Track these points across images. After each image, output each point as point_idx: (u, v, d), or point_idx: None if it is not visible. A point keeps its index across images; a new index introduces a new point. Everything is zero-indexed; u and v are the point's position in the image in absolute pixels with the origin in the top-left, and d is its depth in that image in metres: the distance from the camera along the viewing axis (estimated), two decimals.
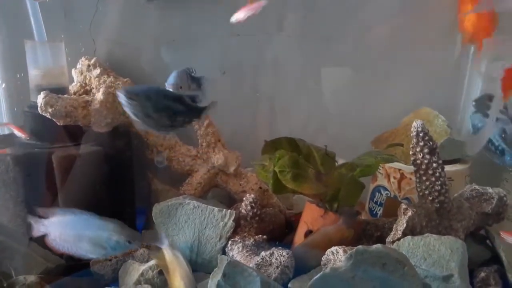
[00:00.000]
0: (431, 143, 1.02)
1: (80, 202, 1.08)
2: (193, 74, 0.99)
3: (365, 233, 1.14)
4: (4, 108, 1.34)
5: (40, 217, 0.83)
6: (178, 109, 0.91)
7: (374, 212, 1.31)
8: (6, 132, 1.32)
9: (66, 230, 0.82)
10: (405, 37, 1.39)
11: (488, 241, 1.12)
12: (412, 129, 1.03)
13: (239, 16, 1.01)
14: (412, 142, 1.03)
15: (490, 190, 1.10)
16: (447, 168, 1.20)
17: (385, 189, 1.28)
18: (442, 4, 1.38)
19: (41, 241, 1.04)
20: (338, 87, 1.46)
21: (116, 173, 1.15)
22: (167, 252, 0.95)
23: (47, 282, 0.94)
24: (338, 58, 1.44)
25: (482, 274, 1.02)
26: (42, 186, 1.08)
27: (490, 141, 1.22)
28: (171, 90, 0.91)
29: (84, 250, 0.82)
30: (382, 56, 1.42)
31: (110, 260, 1.04)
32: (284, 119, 1.48)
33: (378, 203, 1.30)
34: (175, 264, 0.92)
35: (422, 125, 1.02)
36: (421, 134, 1.02)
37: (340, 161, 1.13)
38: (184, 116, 0.93)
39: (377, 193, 1.30)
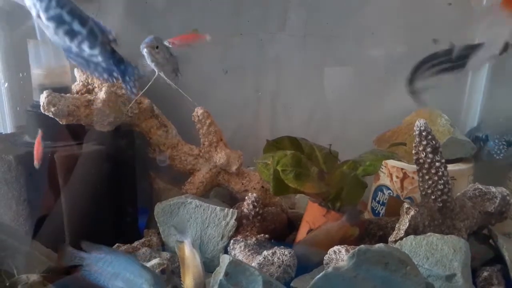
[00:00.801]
0: (434, 142, 1.02)
1: (82, 201, 1.08)
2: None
3: (368, 232, 1.14)
4: (6, 107, 1.34)
5: (80, 249, 0.85)
6: None
7: (377, 212, 1.31)
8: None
9: (104, 266, 0.84)
10: (407, 35, 1.39)
11: (491, 241, 1.11)
12: (415, 128, 1.02)
13: (175, 41, 1.07)
14: (415, 141, 1.03)
15: (493, 189, 1.10)
16: (450, 167, 1.20)
17: (388, 188, 1.28)
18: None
19: (43, 239, 1.05)
20: (341, 86, 1.46)
21: (118, 172, 1.14)
22: (186, 248, 0.97)
23: (50, 281, 0.94)
24: (340, 57, 1.44)
25: (485, 274, 1.02)
26: (44, 185, 1.08)
27: (475, 137, 1.22)
28: (147, 49, 1.01)
29: None
30: (385, 55, 1.41)
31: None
32: (286, 118, 1.48)
33: (381, 203, 1.29)
34: (190, 261, 0.94)
35: (425, 124, 1.02)
36: (424, 133, 1.02)
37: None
38: None
39: (379, 193, 1.30)
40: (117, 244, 1.08)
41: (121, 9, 1.27)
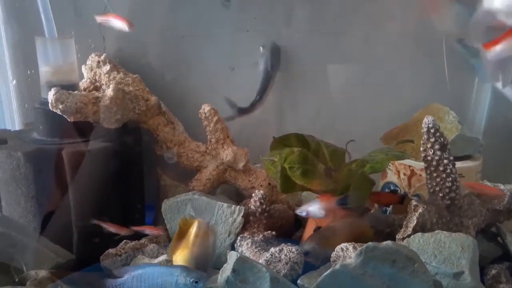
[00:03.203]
0: (442, 139, 1.02)
1: (90, 197, 1.09)
2: None
3: (376, 230, 1.14)
4: (15, 104, 1.36)
5: (115, 276, 0.86)
6: None
7: (384, 209, 1.30)
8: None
9: (139, 283, 0.84)
10: (415, 32, 1.38)
11: (499, 238, 1.11)
12: (423, 125, 1.02)
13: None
14: (423, 138, 1.02)
15: (501, 186, 1.09)
16: (458, 164, 1.19)
17: (395, 185, 1.27)
18: None
19: (51, 236, 1.06)
20: (348, 83, 1.46)
21: (125, 169, 1.15)
22: (200, 226, 0.91)
23: (58, 277, 0.95)
24: (347, 53, 1.43)
25: (493, 271, 1.01)
26: (53, 182, 1.09)
27: None
28: None
29: None
30: (392, 51, 1.41)
31: (120, 255, 1.05)
32: (293, 116, 1.48)
33: None
34: (197, 239, 0.89)
35: (433, 121, 1.01)
36: (432, 130, 1.01)
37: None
38: None
39: (387, 190, 1.30)
40: (124, 240, 1.09)
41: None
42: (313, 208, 1.05)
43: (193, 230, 0.90)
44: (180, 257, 0.88)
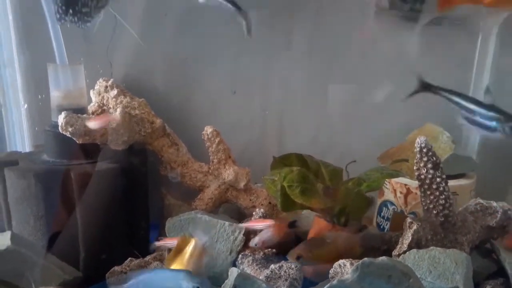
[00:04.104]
0: (434, 158, 1.05)
1: (97, 216, 1.13)
2: None
3: (373, 247, 1.16)
4: (25, 127, 1.40)
5: (119, 283, 0.89)
6: None
7: (382, 227, 1.33)
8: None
9: None
10: (410, 54, 1.43)
11: (493, 255, 1.13)
12: (415, 145, 1.06)
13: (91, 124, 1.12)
14: (416, 157, 1.06)
15: (494, 204, 1.12)
16: (453, 182, 1.23)
17: (392, 203, 1.30)
18: None
19: (59, 253, 1.09)
20: (346, 105, 1.51)
21: (131, 189, 1.19)
22: (196, 245, 0.94)
23: None
24: (345, 74, 1.48)
25: (488, 287, 1.04)
26: (61, 201, 1.12)
27: None
28: None
29: None
30: (388, 73, 1.46)
31: (126, 272, 1.08)
32: (293, 136, 1.53)
33: (385, 218, 1.32)
34: (191, 257, 0.93)
35: (425, 141, 1.05)
36: (424, 150, 1.05)
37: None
38: None
39: (384, 208, 1.33)
40: (129, 258, 1.12)
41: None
42: (266, 237, 1.08)
43: (188, 249, 0.94)
44: None
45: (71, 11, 1.05)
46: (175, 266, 0.92)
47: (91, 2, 1.07)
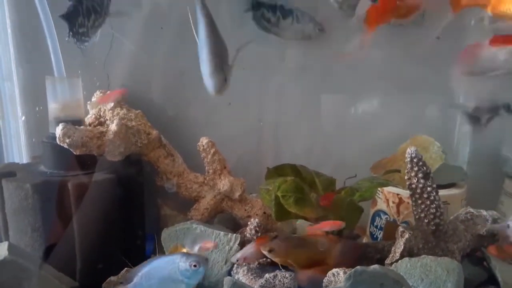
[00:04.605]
0: (425, 168, 1.08)
1: (94, 226, 1.14)
2: None
3: (366, 256, 1.18)
4: (23, 138, 1.42)
5: (125, 283, 0.91)
6: None
7: (375, 236, 1.35)
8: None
9: (149, 281, 0.89)
10: (403, 68, 1.47)
11: (485, 263, 1.15)
12: (406, 155, 1.08)
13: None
14: (407, 167, 1.08)
15: (484, 212, 1.14)
16: (444, 192, 1.25)
17: (385, 213, 1.32)
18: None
19: (56, 263, 1.10)
20: (339, 117, 1.53)
21: (128, 199, 1.20)
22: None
23: None
24: (338, 88, 1.51)
25: None
26: (58, 212, 1.13)
27: None
28: None
29: None
30: (381, 86, 1.49)
31: (122, 282, 1.09)
32: (287, 147, 1.55)
33: (378, 227, 1.34)
34: None
35: (415, 151, 1.07)
36: (415, 160, 1.07)
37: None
38: None
39: (377, 218, 1.35)
40: (125, 268, 1.12)
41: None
42: (248, 253, 1.10)
43: None
44: None
45: (70, 33, 1.07)
46: None
47: (88, 23, 1.09)
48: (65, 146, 1.14)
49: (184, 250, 0.98)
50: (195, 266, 0.88)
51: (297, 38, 1.43)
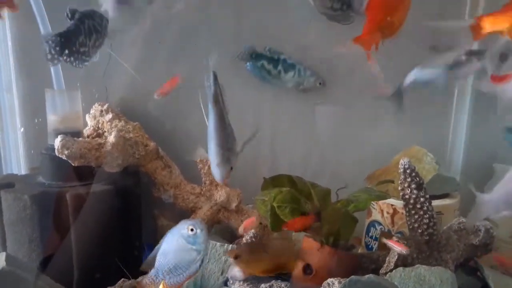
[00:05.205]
0: (418, 179, 1.09)
1: (91, 237, 1.15)
2: None
3: (361, 266, 1.19)
4: (21, 150, 1.43)
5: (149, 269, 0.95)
6: None
7: (370, 246, 1.36)
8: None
9: (165, 259, 0.93)
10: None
11: (478, 272, 1.16)
12: (399, 166, 1.10)
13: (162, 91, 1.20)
14: (400, 178, 1.10)
15: (477, 222, 1.16)
16: (437, 202, 1.27)
17: (380, 223, 1.34)
18: None
19: (53, 274, 1.11)
20: (334, 129, 1.55)
21: (125, 210, 1.21)
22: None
23: None
24: (333, 102, 1.53)
25: None
26: (57, 222, 1.14)
27: None
28: None
29: (187, 266, 0.92)
30: (375, 99, 1.51)
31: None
32: (284, 158, 1.56)
33: (374, 238, 1.35)
34: None
35: (408, 162, 1.10)
36: (408, 171, 1.09)
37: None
38: None
39: (372, 228, 1.36)
40: (122, 279, 1.13)
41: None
42: (234, 272, 1.11)
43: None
44: None
45: (67, 51, 1.04)
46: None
47: (89, 42, 1.07)
48: (64, 157, 1.15)
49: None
50: (192, 230, 0.90)
51: (297, 89, 1.45)
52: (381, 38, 1.00)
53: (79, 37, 1.05)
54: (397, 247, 1.06)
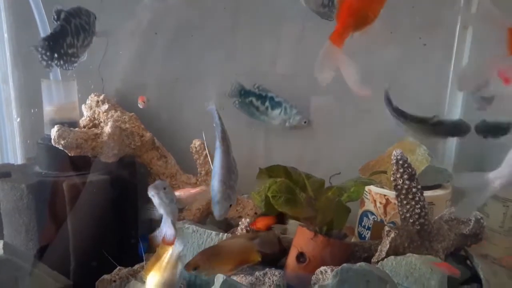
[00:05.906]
0: (410, 169, 1.11)
1: (88, 226, 1.16)
2: None
3: (354, 255, 1.21)
4: (18, 140, 1.44)
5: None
6: None
7: (363, 236, 1.38)
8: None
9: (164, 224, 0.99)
10: (391, 71, 1.50)
11: (468, 261, 1.19)
12: (392, 157, 1.11)
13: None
14: (393, 169, 1.12)
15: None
16: (429, 193, 1.29)
17: (372, 214, 1.36)
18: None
19: (50, 262, 1.13)
20: (329, 121, 1.57)
21: (121, 200, 1.22)
22: (171, 253, 1.00)
23: None
24: (328, 94, 1.54)
25: None
26: (53, 211, 1.16)
27: None
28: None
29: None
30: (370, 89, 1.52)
31: (115, 281, 1.11)
32: (279, 149, 1.58)
33: (366, 227, 1.37)
34: (166, 268, 0.98)
35: (401, 153, 1.11)
36: (400, 162, 1.11)
37: None
38: None
39: (365, 218, 1.38)
40: (118, 267, 1.15)
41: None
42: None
43: (166, 256, 1.00)
44: (151, 278, 0.97)
45: (56, 55, 1.05)
46: (153, 272, 0.98)
47: (77, 42, 1.07)
48: (60, 147, 1.16)
49: (170, 249, 1.02)
50: (164, 188, 0.98)
51: (283, 126, 1.49)
52: (354, 31, 0.98)
53: (66, 38, 1.05)
54: (447, 271, 1.05)
